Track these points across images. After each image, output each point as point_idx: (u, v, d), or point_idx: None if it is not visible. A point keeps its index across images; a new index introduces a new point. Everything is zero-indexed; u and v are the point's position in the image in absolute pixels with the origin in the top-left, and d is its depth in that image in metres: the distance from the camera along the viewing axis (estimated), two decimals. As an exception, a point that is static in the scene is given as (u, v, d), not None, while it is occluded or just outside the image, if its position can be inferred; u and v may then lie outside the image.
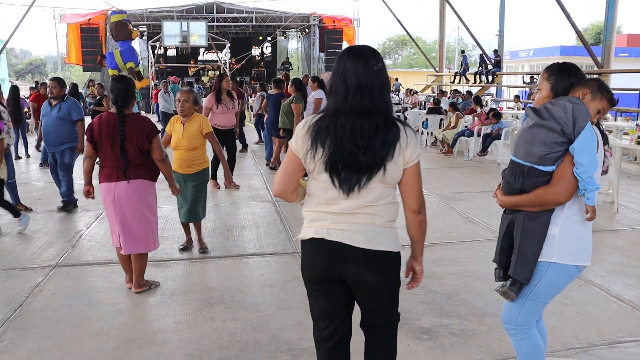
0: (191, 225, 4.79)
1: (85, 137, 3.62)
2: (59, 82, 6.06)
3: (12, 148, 6.09)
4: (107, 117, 3.59)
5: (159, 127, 4.93)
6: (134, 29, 11.69)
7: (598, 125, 2.16)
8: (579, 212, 2.11)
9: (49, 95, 6.05)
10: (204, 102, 7.30)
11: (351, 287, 1.99)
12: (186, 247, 4.76)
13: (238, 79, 16.81)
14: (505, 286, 2.20)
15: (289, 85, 8.47)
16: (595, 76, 2.20)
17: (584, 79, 2.13)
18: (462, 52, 23.17)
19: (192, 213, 4.65)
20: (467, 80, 20.56)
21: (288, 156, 1.96)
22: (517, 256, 2.16)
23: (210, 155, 5.13)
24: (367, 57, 1.83)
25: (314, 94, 8.35)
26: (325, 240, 1.91)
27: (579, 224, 2.12)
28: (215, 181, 7.32)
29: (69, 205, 6.10)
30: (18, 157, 10.43)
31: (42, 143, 6.43)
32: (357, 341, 2.21)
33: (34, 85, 13.27)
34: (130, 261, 3.77)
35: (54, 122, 5.86)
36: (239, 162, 8.66)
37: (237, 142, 8.69)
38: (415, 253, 2.05)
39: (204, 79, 27.22)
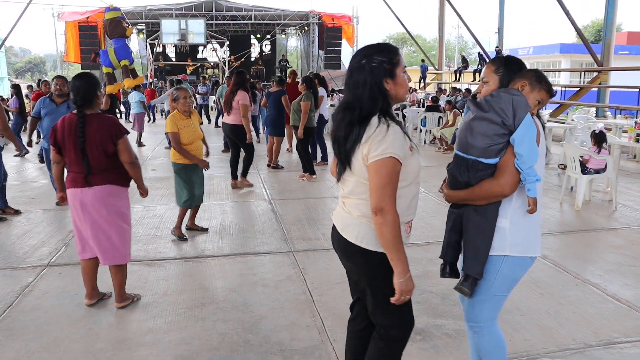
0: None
1: (50, 140, 3.33)
2: (66, 80, 6.07)
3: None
4: (70, 118, 3.24)
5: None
6: (129, 26, 11.62)
7: (538, 116, 2.15)
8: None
9: (56, 93, 5.96)
10: (244, 100, 6.75)
11: None
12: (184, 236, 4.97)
13: None
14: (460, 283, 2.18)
15: (299, 84, 8.12)
16: (534, 67, 2.26)
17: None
18: (422, 60, 25.30)
19: (202, 194, 5.05)
20: (424, 88, 22.87)
21: None
22: (467, 251, 2.13)
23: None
24: (357, 54, 1.94)
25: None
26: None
27: (529, 215, 2.09)
28: (236, 180, 7.19)
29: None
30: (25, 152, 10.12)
31: (37, 139, 6.31)
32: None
33: (34, 84, 13.14)
34: (92, 274, 3.50)
35: None
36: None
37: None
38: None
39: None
